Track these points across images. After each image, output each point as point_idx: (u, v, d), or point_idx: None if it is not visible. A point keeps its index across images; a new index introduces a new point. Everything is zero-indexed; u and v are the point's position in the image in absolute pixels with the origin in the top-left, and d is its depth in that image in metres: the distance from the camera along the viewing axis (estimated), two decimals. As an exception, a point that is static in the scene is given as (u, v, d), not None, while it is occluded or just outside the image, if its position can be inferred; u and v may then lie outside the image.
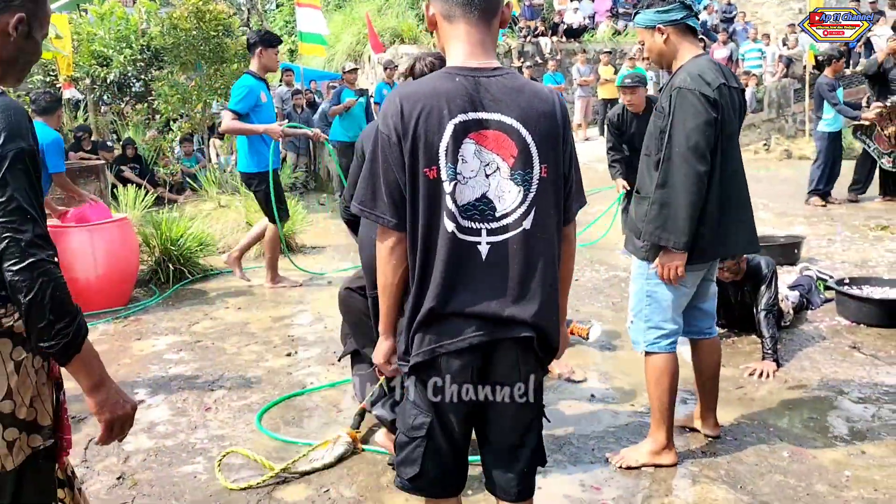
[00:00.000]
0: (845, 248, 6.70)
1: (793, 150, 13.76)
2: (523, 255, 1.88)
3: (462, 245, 1.86)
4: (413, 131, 1.81)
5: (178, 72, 10.76)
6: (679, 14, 2.92)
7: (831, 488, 2.97)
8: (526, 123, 1.86)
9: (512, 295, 1.88)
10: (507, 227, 1.87)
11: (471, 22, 1.88)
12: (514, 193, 1.87)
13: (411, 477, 1.98)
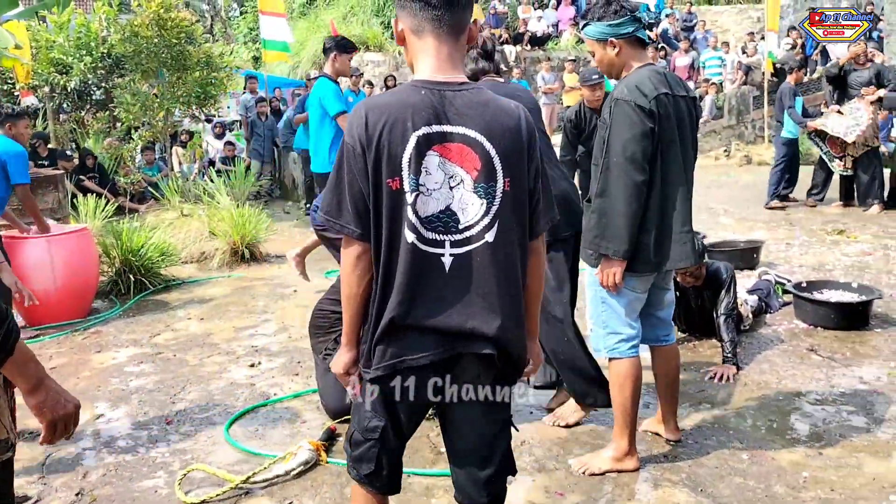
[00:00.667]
0: (803, 252, 6.83)
1: (752, 155, 14.01)
2: (486, 268, 1.89)
3: (424, 256, 1.87)
4: (377, 142, 1.84)
5: (140, 80, 10.60)
6: (630, 27, 2.97)
7: (789, 489, 3.02)
8: (490, 137, 1.88)
9: (475, 308, 1.89)
10: (471, 239, 1.89)
11: (439, 37, 1.91)
12: (477, 206, 1.89)
13: (367, 474, 2.04)
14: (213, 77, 10.64)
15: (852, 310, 4.81)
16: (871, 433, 3.47)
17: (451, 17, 1.90)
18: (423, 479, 3.19)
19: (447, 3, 1.89)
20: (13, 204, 5.59)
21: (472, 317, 1.88)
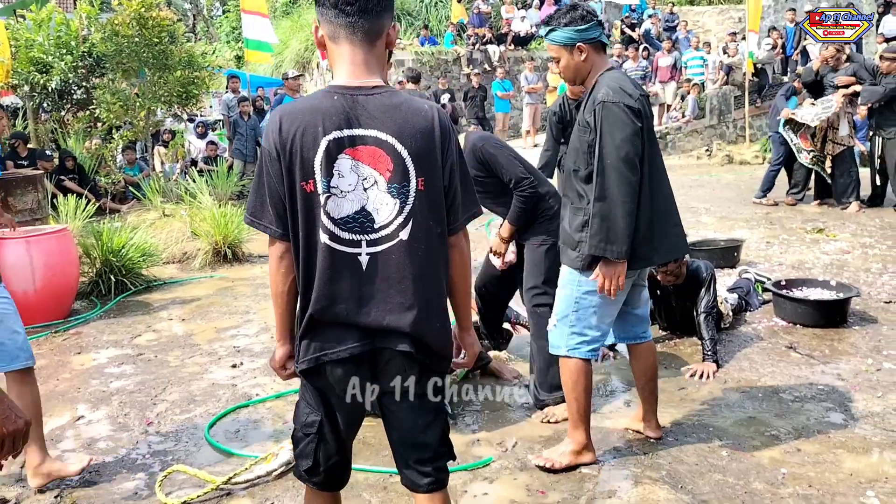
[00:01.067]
0: (783, 251, 6.89)
1: (734, 155, 14.13)
2: (402, 265, 1.96)
3: (341, 256, 1.95)
4: (290, 147, 1.92)
5: (121, 79, 10.54)
6: (596, 32, 3.00)
7: (768, 486, 3.05)
8: (401, 139, 1.95)
9: (391, 304, 1.96)
10: (386, 238, 1.96)
11: (354, 43, 1.97)
12: (391, 206, 1.96)
13: (307, 469, 2.13)
14: (194, 76, 10.62)
15: (831, 307, 4.86)
16: (848, 429, 3.51)
17: (366, 24, 1.96)
18: (404, 478, 3.19)
19: (361, 10, 1.94)
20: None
21: (389, 313, 1.96)
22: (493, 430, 3.62)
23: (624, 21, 18.15)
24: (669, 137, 14.79)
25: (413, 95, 2.08)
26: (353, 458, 3.26)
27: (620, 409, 3.84)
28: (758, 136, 14.67)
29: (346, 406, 2.06)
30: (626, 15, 18.45)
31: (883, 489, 2.99)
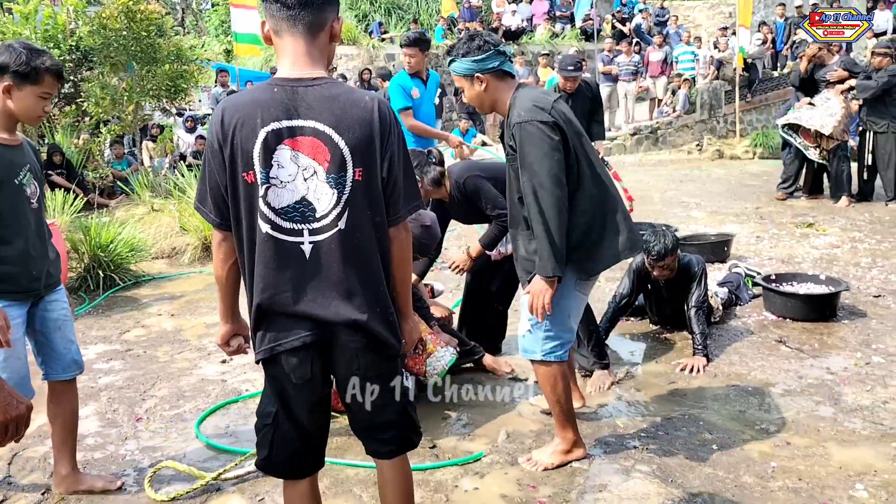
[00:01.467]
0: (773, 245, 6.91)
1: (724, 150, 14.16)
2: (341, 255, 2.01)
3: (283, 245, 2.00)
4: (231, 139, 1.96)
5: (109, 73, 10.45)
6: (495, 61, 2.98)
7: (758, 479, 3.05)
8: (338, 129, 1.98)
9: (334, 294, 2.01)
10: (326, 228, 2.01)
11: (295, 36, 2.00)
12: (329, 195, 2.00)
13: (262, 458, 2.19)
14: (183, 70, 10.55)
15: (820, 301, 4.88)
16: (838, 423, 3.52)
17: (307, 16, 1.99)
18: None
19: (302, 4, 1.98)
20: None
21: (331, 302, 2.01)
22: (485, 425, 3.61)
23: (615, 16, 18.16)
24: (660, 132, 14.80)
25: (355, 88, 2.13)
26: (343, 455, 3.28)
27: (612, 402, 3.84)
28: (748, 131, 14.70)
29: (304, 395, 2.09)
30: (618, 10, 18.46)
31: (872, 482, 3.01)
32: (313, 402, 2.13)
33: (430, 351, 3.72)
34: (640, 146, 14.57)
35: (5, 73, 2.61)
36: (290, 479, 2.22)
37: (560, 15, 18.19)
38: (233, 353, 2.32)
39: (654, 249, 4.39)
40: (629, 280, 4.63)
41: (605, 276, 3.86)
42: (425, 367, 3.71)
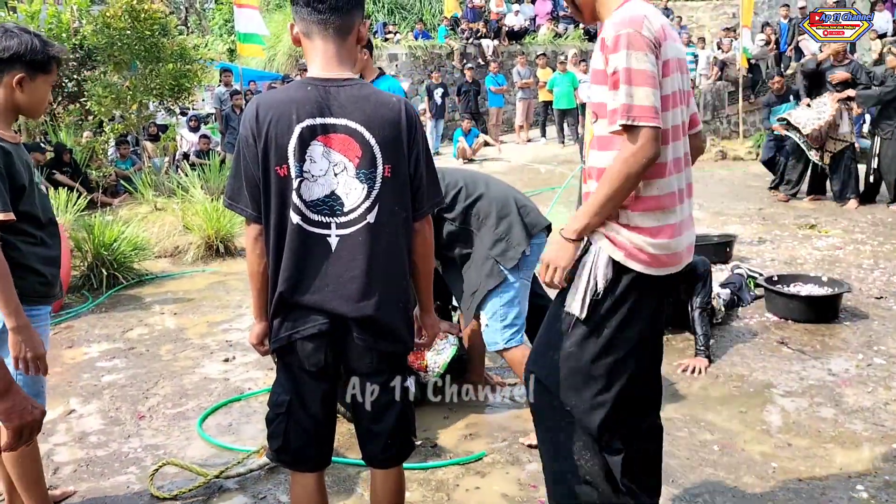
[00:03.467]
0: (775, 247, 6.91)
1: (727, 150, 14.13)
2: (368, 248, 2.08)
3: (311, 237, 2.07)
4: (266, 133, 2.03)
5: (112, 72, 10.47)
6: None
7: (759, 480, 3.06)
8: (370, 128, 2.06)
9: (355, 287, 2.07)
10: (354, 221, 2.08)
11: (326, 38, 2.08)
12: (359, 190, 2.08)
13: (276, 449, 2.21)
14: (186, 70, 10.55)
15: (822, 303, 4.88)
16: (839, 424, 3.52)
17: (337, 20, 2.08)
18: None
19: (332, 8, 2.06)
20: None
21: (351, 295, 2.06)
22: (487, 426, 3.62)
23: (618, 16, 18.11)
24: (663, 133, 14.79)
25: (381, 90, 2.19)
26: (347, 454, 3.29)
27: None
28: (751, 132, 14.67)
29: (317, 383, 2.16)
30: (620, 10, 18.41)
31: (873, 483, 3.01)
32: (325, 391, 2.18)
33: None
34: (642, 147, 14.55)
35: (17, 63, 2.38)
36: (301, 472, 2.24)
37: (563, 15, 18.15)
38: (266, 352, 2.28)
39: None
40: None
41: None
42: (426, 362, 3.72)
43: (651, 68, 2.06)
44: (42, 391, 2.64)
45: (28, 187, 2.44)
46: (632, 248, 2.16)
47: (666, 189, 2.16)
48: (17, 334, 2.42)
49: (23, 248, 2.44)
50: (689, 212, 2.29)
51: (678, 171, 2.21)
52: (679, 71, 2.20)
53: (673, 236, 2.18)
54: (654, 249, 2.16)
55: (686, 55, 2.32)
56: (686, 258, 2.28)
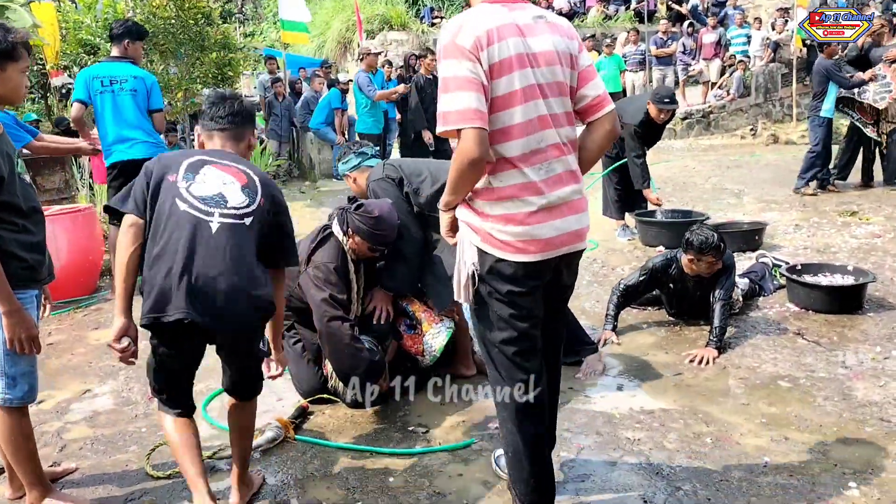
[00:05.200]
0: (811, 234, 6.70)
1: (780, 134, 13.73)
2: (239, 241, 2.53)
3: (192, 220, 2.50)
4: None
5: (159, 60, 10.74)
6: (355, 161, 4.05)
7: (747, 474, 3.00)
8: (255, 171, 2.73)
9: (223, 268, 2.47)
10: (234, 216, 2.55)
11: (223, 140, 2.84)
12: (241, 197, 2.59)
13: (156, 391, 2.76)
14: (230, 58, 10.75)
15: (844, 293, 4.73)
16: (843, 419, 3.42)
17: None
18: (381, 457, 3.24)
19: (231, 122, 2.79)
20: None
21: (221, 277, 2.45)
22: (480, 414, 3.63)
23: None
24: (713, 116, 14.45)
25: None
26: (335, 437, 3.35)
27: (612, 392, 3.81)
28: (805, 115, 14.16)
29: (181, 355, 2.66)
30: (674, -11, 18.01)
31: (867, 480, 2.92)
32: (187, 363, 2.71)
33: (425, 329, 3.76)
34: (690, 131, 14.25)
35: None
36: (176, 416, 2.73)
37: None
38: (123, 352, 2.63)
39: (699, 245, 4.27)
40: (639, 276, 4.57)
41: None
42: (422, 346, 3.75)
43: (468, 74, 2.17)
44: (33, 371, 2.77)
45: (7, 178, 2.55)
46: (485, 234, 2.33)
47: (511, 181, 2.29)
48: (10, 317, 2.55)
49: (4, 235, 2.55)
50: (566, 198, 2.34)
51: (532, 164, 2.29)
52: (532, 65, 2.27)
53: (529, 224, 2.29)
54: (505, 236, 2.30)
55: (563, 46, 2.35)
56: (566, 243, 2.36)
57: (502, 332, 2.42)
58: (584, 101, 2.40)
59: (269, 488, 3.03)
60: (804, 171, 8.65)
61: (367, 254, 3.62)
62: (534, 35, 2.29)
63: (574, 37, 2.41)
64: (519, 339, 2.42)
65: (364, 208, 3.53)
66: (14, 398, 2.72)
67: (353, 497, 2.94)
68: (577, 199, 2.39)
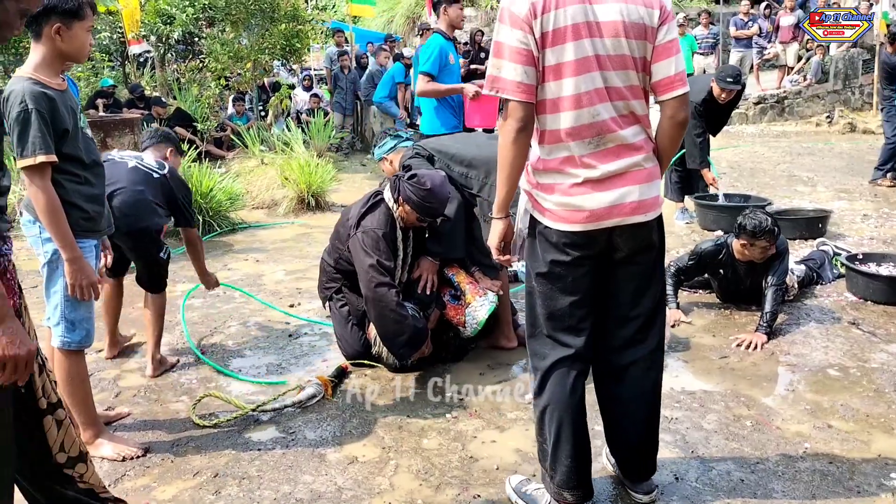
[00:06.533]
0: (879, 225, 6.46)
1: (857, 123, 13.21)
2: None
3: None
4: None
5: (230, 30, 10.97)
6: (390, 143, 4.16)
7: (784, 458, 2.95)
8: None
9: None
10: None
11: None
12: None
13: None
14: (298, 30, 10.90)
15: (906, 284, 4.56)
16: (891, 410, 3.33)
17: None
18: (418, 420, 3.30)
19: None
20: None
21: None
22: (519, 384, 3.66)
23: (750, -23, 17.14)
24: (787, 102, 13.98)
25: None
26: (376, 398, 3.44)
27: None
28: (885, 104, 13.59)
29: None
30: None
31: (910, 473, 2.84)
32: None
33: (468, 301, 3.79)
34: (763, 116, 13.83)
35: (52, 15, 2.58)
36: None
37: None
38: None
39: (752, 229, 4.17)
40: (688, 260, 4.50)
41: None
42: (465, 318, 3.79)
43: (517, 44, 2.18)
44: (90, 317, 2.92)
45: (72, 131, 2.68)
46: (534, 200, 2.39)
47: (557, 154, 2.29)
48: (72, 265, 2.69)
49: (67, 186, 2.69)
50: (618, 171, 2.29)
51: (582, 137, 2.26)
52: (593, 35, 2.19)
53: (571, 195, 2.29)
54: (549, 204, 2.33)
55: (636, 16, 2.21)
56: (614, 215, 2.30)
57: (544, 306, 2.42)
58: (654, 78, 2.30)
59: (307, 442, 3.13)
60: (882, 163, 8.30)
61: (415, 223, 3.67)
62: (602, 2, 2.21)
63: (655, 5, 2.25)
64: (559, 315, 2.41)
65: (417, 178, 3.57)
66: (72, 342, 2.87)
67: (388, 455, 3.01)
68: (636, 171, 2.30)
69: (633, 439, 2.63)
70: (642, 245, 2.41)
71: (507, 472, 2.88)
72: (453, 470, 2.91)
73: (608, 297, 2.48)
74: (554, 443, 2.51)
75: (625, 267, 2.44)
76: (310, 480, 2.85)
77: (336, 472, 2.90)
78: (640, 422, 2.60)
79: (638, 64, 2.28)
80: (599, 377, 2.62)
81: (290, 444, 3.13)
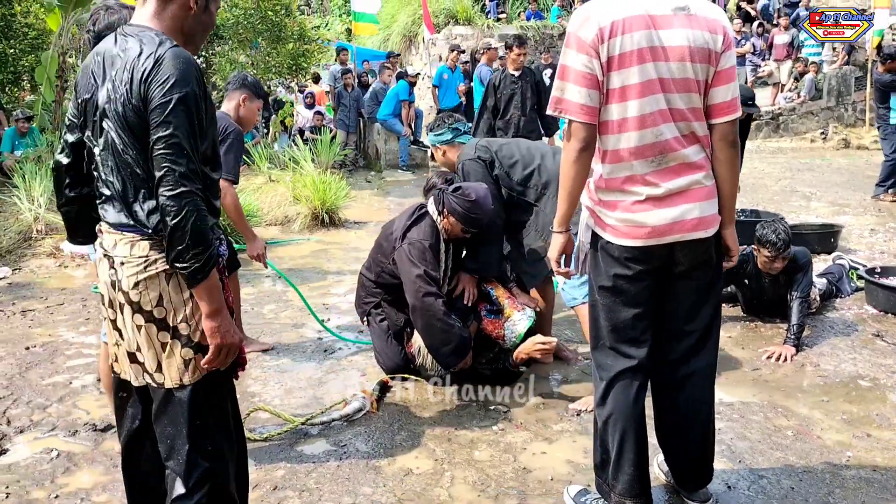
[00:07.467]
0: (888, 239, 6.60)
1: (851, 139, 13.44)
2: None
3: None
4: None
5: (237, 49, 11.06)
6: (448, 135, 4.06)
7: (830, 466, 3.03)
8: None
9: None
10: None
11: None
12: None
13: None
14: (305, 49, 11.00)
15: (926, 297, 4.67)
16: (926, 419, 3.42)
17: None
18: (466, 432, 3.35)
19: None
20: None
21: None
22: (558, 396, 3.72)
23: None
24: (782, 118, 14.20)
25: None
26: (419, 411, 3.48)
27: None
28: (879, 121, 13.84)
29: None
30: (745, -11, 17.72)
31: (953, 480, 2.93)
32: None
33: (507, 315, 3.86)
34: (759, 132, 14.03)
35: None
36: None
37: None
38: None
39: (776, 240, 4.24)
40: None
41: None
42: (503, 332, 3.85)
43: (582, 68, 2.28)
44: None
45: None
46: (596, 217, 2.49)
47: (620, 173, 2.38)
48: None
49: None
50: (679, 188, 2.37)
51: (645, 157, 2.35)
52: (660, 59, 2.28)
53: (633, 211, 2.38)
54: (611, 220, 2.42)
55: (701, 41, 2.30)
56: (675, 231, 2.38)
57: (608, 319, 2.52)
58: (711, 101, 2.38)
59: (360, 454, 3.17)
60: (883, 180, 8.46)
61: (458, 234, 3.74)
62: (669, 27, 2.29)
63: (719, 31, 2.33)
64: (622, 327, 2.50)
65: (462, 191, 3.64)
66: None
67: (442, 467, 3.06)
68: (696, 189, 2.38)
69: (691, 448, 2.70)
70: (701, 260, 2.49)
71: (562, 482, 2.94)
72: (509, 481, 2.96)
73: (666, 311, 2.56)
74: (617, 452, 2.57)
75: (683, 282, 2.51)
76: (369, 492, 2.89)
77: (394, 484, 2.95)
78: (697, 431, 2.67)
79: (700, 87, 2.37)
80: (658, 388, 2.69)
81: (344, 456, 3.17)
